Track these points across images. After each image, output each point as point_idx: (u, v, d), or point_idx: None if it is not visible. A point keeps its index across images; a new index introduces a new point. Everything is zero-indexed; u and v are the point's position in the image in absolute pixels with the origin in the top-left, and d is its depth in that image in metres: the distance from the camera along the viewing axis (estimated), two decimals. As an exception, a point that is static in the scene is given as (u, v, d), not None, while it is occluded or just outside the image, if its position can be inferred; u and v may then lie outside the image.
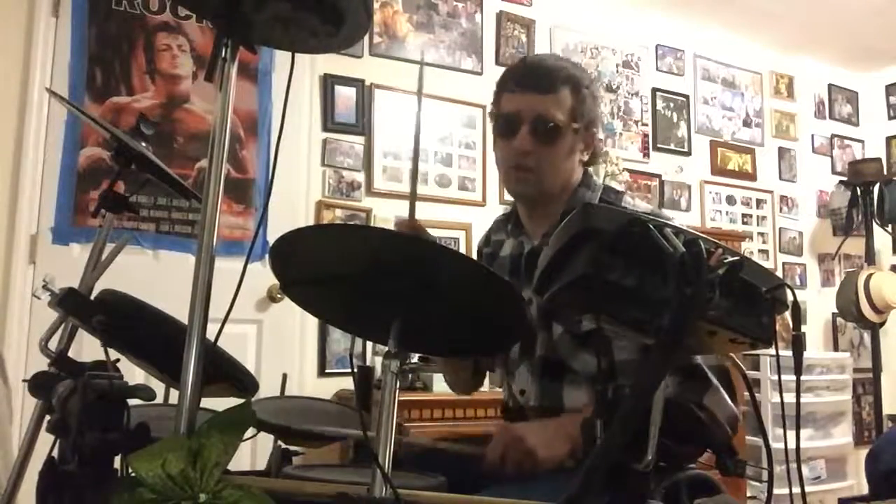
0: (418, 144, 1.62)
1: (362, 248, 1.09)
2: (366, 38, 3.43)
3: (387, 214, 3.46)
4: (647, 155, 4.32)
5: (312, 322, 3.20)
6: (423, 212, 3.52)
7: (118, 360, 1.24)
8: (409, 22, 3.66)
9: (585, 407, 1.41)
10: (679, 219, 4.15)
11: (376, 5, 3.56)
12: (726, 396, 1.35)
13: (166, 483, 0.93)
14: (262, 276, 1.70)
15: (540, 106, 1.52)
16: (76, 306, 1.28)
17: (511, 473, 1.34)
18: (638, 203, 1.58)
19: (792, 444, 0.97)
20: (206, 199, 1.13)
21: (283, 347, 3.14)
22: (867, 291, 4.43)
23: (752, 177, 4.73)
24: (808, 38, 4.67)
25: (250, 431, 1.19)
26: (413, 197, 1.61)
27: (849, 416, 4.39)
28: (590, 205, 1.01)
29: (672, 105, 4.46)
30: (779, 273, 4.56)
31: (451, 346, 1.31)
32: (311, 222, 3.24)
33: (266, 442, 1.39)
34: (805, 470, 4.05)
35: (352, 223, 3.32)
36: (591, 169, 1.64)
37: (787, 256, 4.79)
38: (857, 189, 4.73)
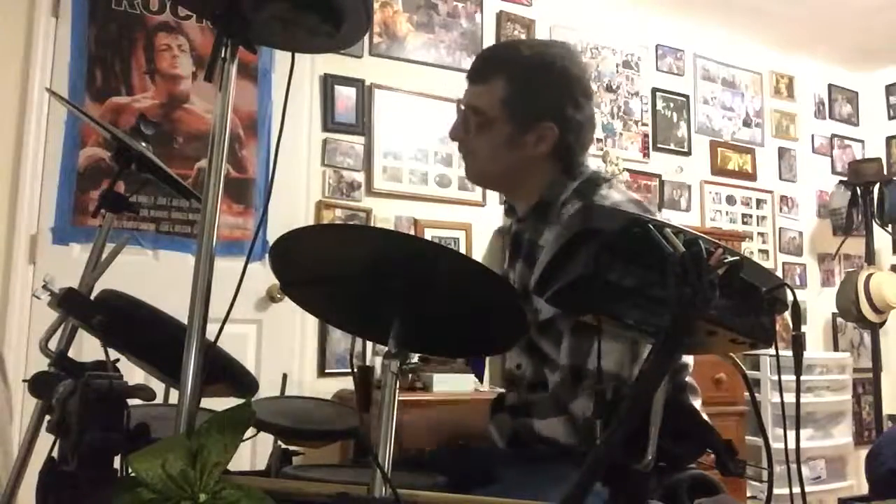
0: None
1: (362, 248, 1.09)
2: (366, 38, 3.43)
3: (387, 214, 3.47)
4: (647, 155, 4.32)
5: (312, 322, 3.20)
6: (424, 212, 3.54)
7: (118, 360, 1.24)
8: (409, 22, 3.66)
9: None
10: (679, 219, 4.17)
11: (376, 5, 3.56)
12: None
13: (166, 483, 0.93)
14: (262, 276, 1.70)
15: (472, 96, 1.53)
16: (76, 306, 1.28)
17: None
18: (612, 194, 1.45)
19: (792, 444, 0.97)
20: (206, 199, 1.13)
21: (283, 347, 3.14)
22: (867, 291, 4.42)
23: (752, 177, 4.73)
24: (808, 38, 4.67)
25: (250, 431, 1.19)
26: None
27: (849, 416, 4.39)
28: (590, 205, 1.01)
29: (672, 105, 4.46)
30: (779, 273, 4.56)
31: (450, 346, 1.31)
32: (311, 222, 3.24)
33: (266, 442, 1.39)
34: (805, 470, 4.06)
35: (352, 223, 3.32)
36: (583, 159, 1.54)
37: (787, 256, 4.79)
38: (857, 189, 4.73)
